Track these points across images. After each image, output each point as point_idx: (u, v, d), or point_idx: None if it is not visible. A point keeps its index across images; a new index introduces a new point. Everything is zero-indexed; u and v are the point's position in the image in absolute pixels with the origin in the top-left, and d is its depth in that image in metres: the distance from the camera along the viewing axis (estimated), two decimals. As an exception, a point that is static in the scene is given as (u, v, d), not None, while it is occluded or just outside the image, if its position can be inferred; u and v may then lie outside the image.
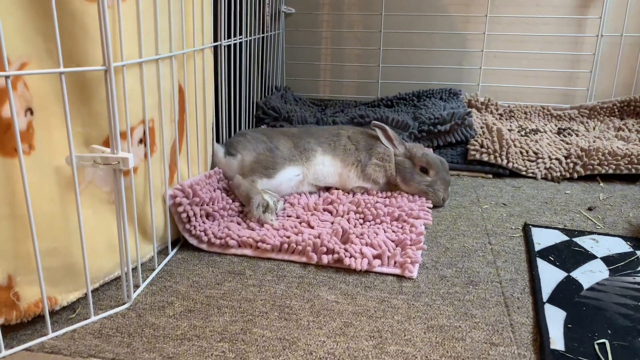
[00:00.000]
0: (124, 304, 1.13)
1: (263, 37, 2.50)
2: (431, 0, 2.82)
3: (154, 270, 1.27)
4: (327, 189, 1.77)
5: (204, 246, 1.38)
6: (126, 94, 1.06)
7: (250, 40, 2.17)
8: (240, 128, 2.08)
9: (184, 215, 1.36)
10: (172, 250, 1.37)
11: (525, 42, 2.78)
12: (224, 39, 1.74)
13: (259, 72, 2.44)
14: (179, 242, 1.42)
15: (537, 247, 1.38)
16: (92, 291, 1.11)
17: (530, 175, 1.98)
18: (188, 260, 1.33)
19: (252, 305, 1.13)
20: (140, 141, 1.18)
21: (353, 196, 1.69)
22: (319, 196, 1.72)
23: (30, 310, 1.00)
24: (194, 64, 1.42)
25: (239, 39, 1.99)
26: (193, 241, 1.38)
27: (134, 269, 1.22)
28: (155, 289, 1.20)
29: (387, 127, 1.77)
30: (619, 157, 1.93)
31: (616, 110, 2.59)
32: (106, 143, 1.08)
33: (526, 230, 1.49)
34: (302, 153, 1.70)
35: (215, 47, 1.68)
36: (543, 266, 1.28)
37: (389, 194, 1.72)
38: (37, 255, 0.94)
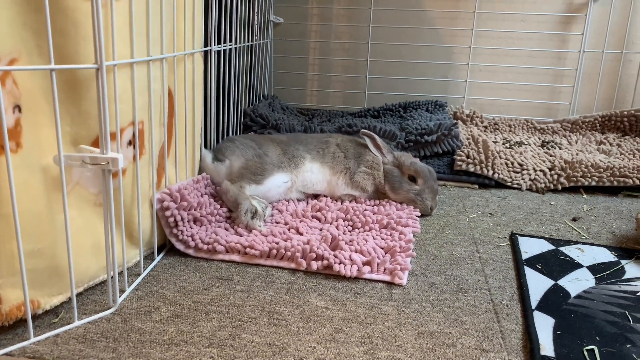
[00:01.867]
0: (109, 308, 1.10)
1: (252, 45, 2.50)
2: (418, 14, 2.86)
3: (139, 275, 1.25)
4: (316, 196, 1.77)
5: (191, 251, 1.36)
6: (117, 94, 1.05)
7: (239, 47, 2.17)
8: (227, 134, 2.07)
9: (171, 219, 1.34)
10: (158, 255, 1.35)
11: (510, 56, 2.83)
12: (214, 45, 1.74)
13: (247, 80, 2.44)
14: (166, 247, 1.41)
15: (525, 256, 1.39)
16: (76, 295, 1.08)
17: (516, 186, 2.00)
18: (175, 266, 1.31)
19: (241, 310, 1.11)
20: (130, 143, 1.16)
21: (341, 204, 1.69)
22: (307, 203, 1.71)
23: (12, 314, 0.97)
24: (185, 67, 1.41)
25: (229, 45, 1.99)
26: (180, 246, 1.37)
27: (120, 273, 1.19)
28: (141, 293, 1.17)
29: (376, 136, 1.78)
30: (602, 170, 1.97)
31: (597, 124, 2.65)
32: (94, 144, 1.07)
33: (513, 239, 1.50)
34: (290, 160, 1.70)
35: (206, 52, 1.68)
36: (531, 274, 1.29)
37: (377, 202, 1.72)
38: (22, 257, 0.92)
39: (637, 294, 1.20)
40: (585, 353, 0.98)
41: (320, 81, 3.05)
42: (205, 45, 1.66)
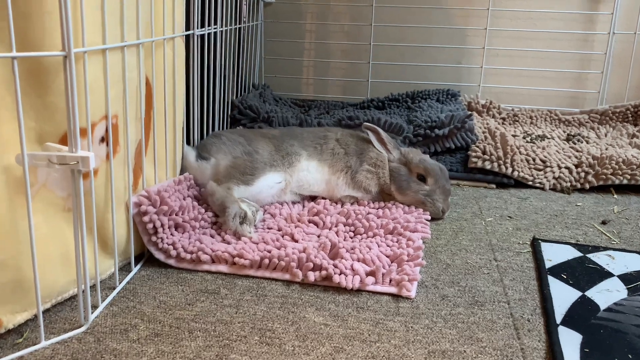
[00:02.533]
0: (80, 326, 1.10)
1: (239, 29, 2.50)
2: (427, -9, 2.87)
3: (114, 288, 1.25)
4: (313, 198, 1.77)
5: (172, 261, 1.36)
6: (87, 85, 1.05)
7: (226, 31, 2.17)
8: (213, 129, 2.07)
9: (149, 225, 1.34)
10: (135, 266, 1.35)
11: (531, 39, 2.84)
12: (197, 28, 1.74)
13: (235, 68, 2.44)
14: (144, 256, 1.41)
15: (548, 264, 1.40)
16: (43, 312, 1.08)
17: (538, 185, 2.01)
18: (154, 278, 1.31)
19: (229, 328, 1.11)
20: (102, 140, 1.16)
21: (342, 206, 1.69)
22: (304, 206, 1.72)
23: (-30, 334, 0.97)
24: (164, 54, 1.41)
25: (213, 28, 1.99)
26: (160, 256, 1.37)
27: (92, 287, 1.20)
28: (117, 309, 1.17)
29: (381, 130, 1.78)
30: (635, 167, 1.97)
31: (630, 115, 2.65)
32: (63, 141, 1.06)
33: (535, 245, 1.51)
34: (284, 157, 1.70)
35: (187, 37, 1.68)
36: (555, 285, 1.29)
37: (382, 204, 1.72)
38: (-19, 269, 0.92)
39: (675, 306, 1.20)
40: (617, 373, 0.99)
41: (317, 68, 3.05)
42: (187, 28, 1.66)
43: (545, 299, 1.23)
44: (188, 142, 1.75)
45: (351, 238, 1.50)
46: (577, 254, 1.46)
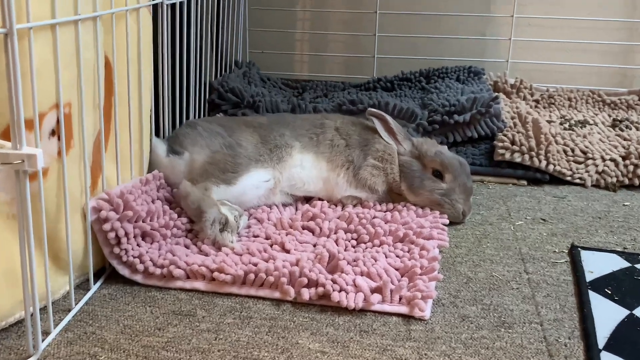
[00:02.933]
0: (29, 357, 1.10)
1: (219, -5, 2.50)
2: (444, -51, 2.86)
3: (70, 310, 1.25)
4: (308, 199, 1.77)
5: (139, 277, 1.36)
6: (34, 68, 1.05)
7: (202, -2, 2.17)
8: (187, 117, 2.07)
9: (111, 235, 1.34)
10: (95, 284, 1.35)
11: (569, 5, 2.83)
12: (167, -4, 1.74)
13: (214, 43, 2.43)
14: (105, 272, 1.41)
15: (589, 277, 1.40)
16: (-17, 340, 1.08)
17: (578, 181, 2.01)
18: (117, 298, 1.31)
19: (207, 357, 1.11)
20: (53, 133, 1.16)
21: (342, 209, 1.69)
22: (297, 209, 1.72)
23: None
24: (126, 28, 1.41)
25: (187, -4, 1.98)
26: (124, 271, 1.37)
27: (43, 309, 1.19)
28: (73, 336, 1.17)
29: (388, 117, 1.78)
30: (693, 158, 1.98)
31: (688, 96, 2.66)
32: (5, 136, 1.06)
33: (574, 254, 1.51)
34: (272, 151, 1.70)
35: (155, 7, 1.67)
36: (597, 302, 1.29)
37: (390, 206, 1.73)
38: None
39: None
40: (670, 408, 0.99)
41: (313, 42, 3.05)
42: (155, -3, 1.66)
43: (585, 319, 1.23)
44: (157, 134, 1.75)
45: (353, 247, 1.50)
46: (625, 264, 1.46)
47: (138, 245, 1.39)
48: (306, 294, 1.29)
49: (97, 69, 1.29)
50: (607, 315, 1.25)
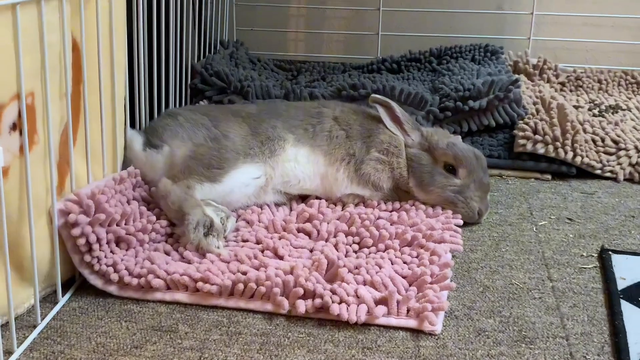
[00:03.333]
0: (-11, 380, 1.11)
1: (202, -34, 2.50)
2: None
3: (35, 326, 1.25)
4: (304, 198, 1.77)
5: (113, 289, 1.36)
6: (-9, 54, 1.05)
7: (183, -30, 2.17)
8: (167, 107, 2.07)
9: (81, 241, 1.34)
10: (64, 296, 1.35)
11: (599, -26, 2.83)
12: (143, -31, 1.73)
13: (196, 20, 2.43)
14: (75, 282, 1.41)
15: (621, 284, 1.40)
16: (-62, 362, 1.09)
17: (608, 175, 2.01)
18: (89, 312, 1.31)
19: (191, 379, 1.12)
20: (14, 127, 1.16)
21: (343, 209, 1.69)
22: (291, 210, 1.72)
23: None
24: (97, 6, 1.40)
25: (165, -32, 1.98)
26: (96, 281, 1.37)
27: (5, 326, 1.20)
28: (39, 356, 1.17)
29: (394, 104, 1.78)
30: None
31: None
32: (-40, 130, 1.07)
33: (604, 258, 1.51)
34: (263, 143, 1.70)
35: (129, -19, 1.67)
36: (630, 313, 1.29)
37: (396, 205, 1.73)
38: None
39: None
40: None
41: (309, 18, 3.04)
42: (129, -30, 1.65)
43: (617, 333, 1.23)
44: (132, 125, 1.75)
45: (355, 253, 1.50)
46: (661, 269, 1.47)
47: (112, 252, 1.39)
48: (302, 306, 1.29)
49: (64, 53, 1.29)
50: (641, 328, 1.25)
